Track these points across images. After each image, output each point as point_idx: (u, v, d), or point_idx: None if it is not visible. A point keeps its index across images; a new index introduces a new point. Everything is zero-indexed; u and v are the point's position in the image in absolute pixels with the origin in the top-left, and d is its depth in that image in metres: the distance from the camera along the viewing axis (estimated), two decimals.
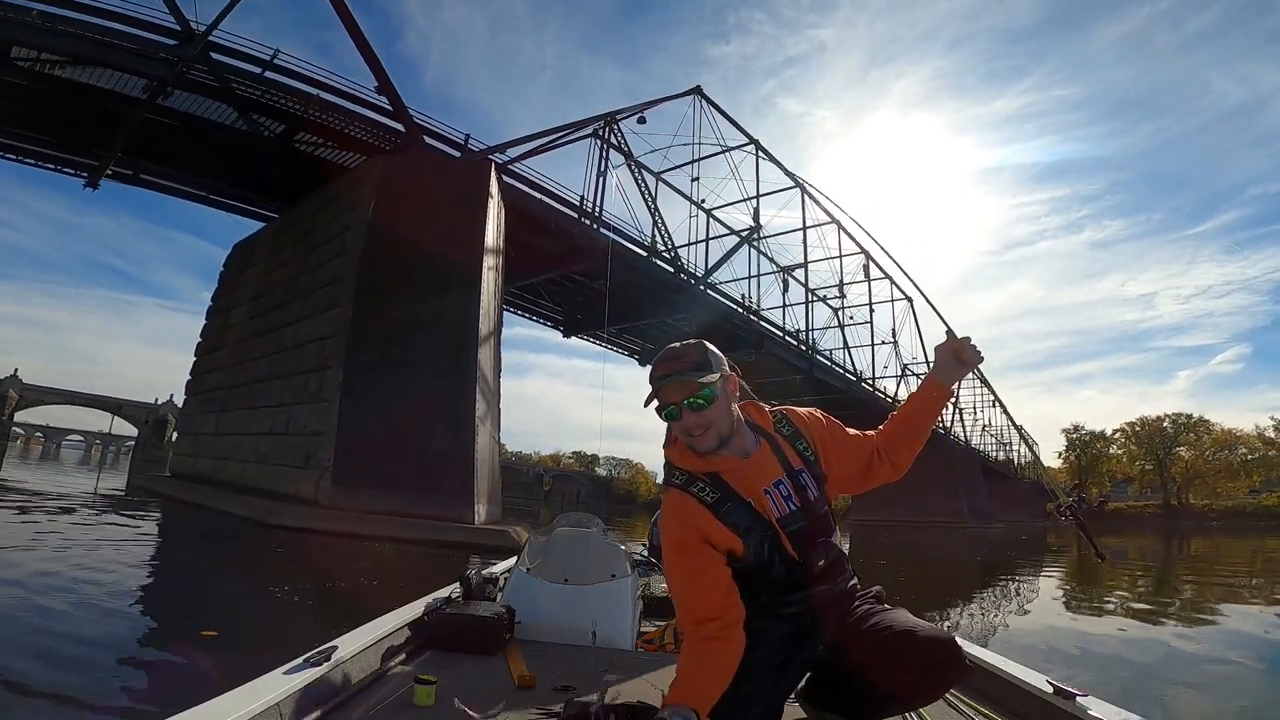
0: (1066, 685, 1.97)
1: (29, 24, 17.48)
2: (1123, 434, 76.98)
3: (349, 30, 21.29)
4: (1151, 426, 73.61)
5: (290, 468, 18.67)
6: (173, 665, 5.09)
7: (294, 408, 19.69)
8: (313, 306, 20.89)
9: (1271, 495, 60.77)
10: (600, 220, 29.21)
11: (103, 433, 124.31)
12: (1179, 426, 71.59)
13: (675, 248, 33.64)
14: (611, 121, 30.80)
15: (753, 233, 39.59)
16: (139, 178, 25.14)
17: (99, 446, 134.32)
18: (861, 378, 50.27)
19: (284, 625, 6.97)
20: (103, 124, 21.47)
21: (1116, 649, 7.69)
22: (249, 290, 26.01)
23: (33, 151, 23.41)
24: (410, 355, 18.87)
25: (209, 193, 26.42)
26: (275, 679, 1.75)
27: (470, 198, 21.60)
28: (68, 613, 6.41)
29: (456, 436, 18.61)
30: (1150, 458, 73.13)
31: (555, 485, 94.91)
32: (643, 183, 32.52)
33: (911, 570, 17.66)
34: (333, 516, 16.09)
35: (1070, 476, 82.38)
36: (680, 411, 1.57)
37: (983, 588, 14.85)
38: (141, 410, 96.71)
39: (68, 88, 20.12)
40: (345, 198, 21.76)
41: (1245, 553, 27.28)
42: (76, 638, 5.61)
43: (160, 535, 14.72)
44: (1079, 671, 6.43)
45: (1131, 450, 76.31)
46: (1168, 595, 13.58)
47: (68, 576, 7.96)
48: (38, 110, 21.17)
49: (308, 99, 20.81)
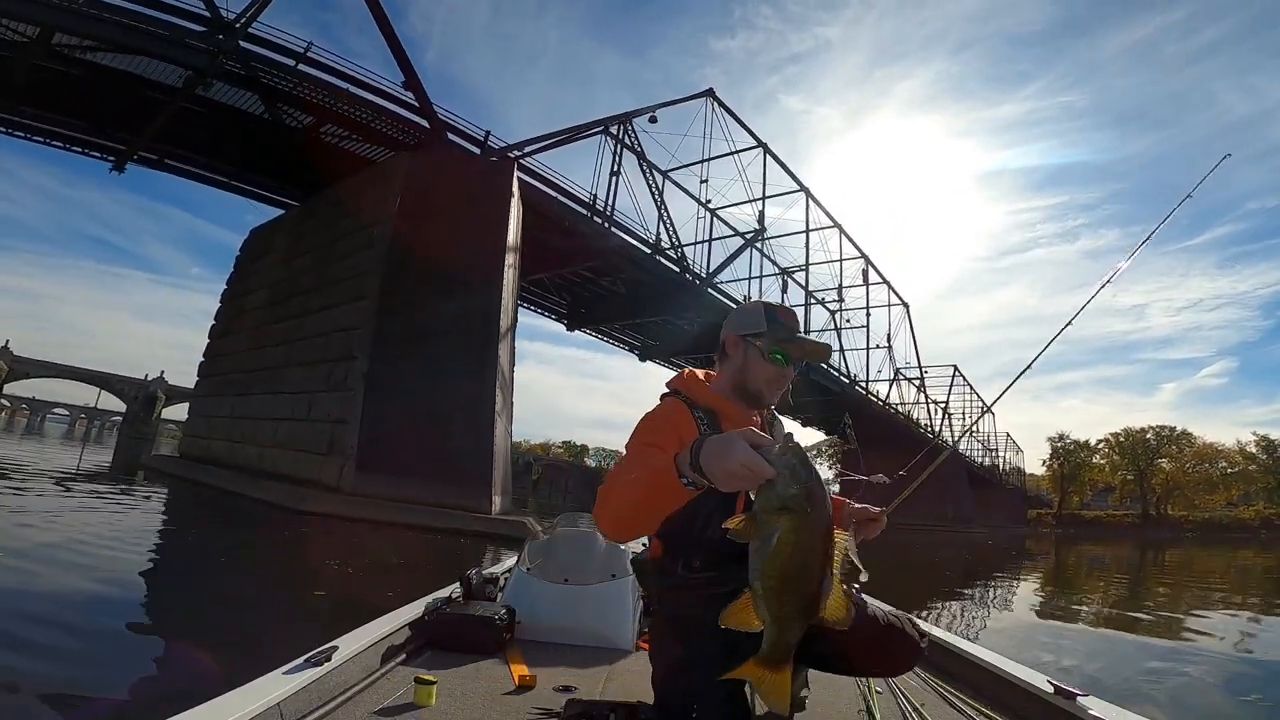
0: (1067, 685, 2.00)
1: (73, 10, 17.75)
2: (1106, 444, 78.40)
3: (381, 27, 21.69)
4: (1135, 437, 74.99)
5: (313, 454, 19.15)
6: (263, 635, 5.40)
7: (316, 395, 20.14)
8: (338, 296, 21.32)
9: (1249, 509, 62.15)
10: (613, 220, 29.80)
11: (89, 407, 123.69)
12: (1162, 439, 73.03)
13: (681, 246, 34.26)
14: (626, 122, 31.38)
15: (757, 235, 40.19)
16: (164, 163, 25.43)
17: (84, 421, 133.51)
18: (855, 381, 51.11)
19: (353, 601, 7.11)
20: (136, 110, 21.74)
21: (1089, 644, 8.21)
22: (268, 276, 26.37)
23: (65, 135, 23.63)
24: (434, 349, 19.39)
25: (230, 179, 26.72)
26: (275, 679, 1.77)
27: (494, 196, 22.14)
28: (125, 601, 6.50)
29: (477, 429, 19.24)
30: (1132, 468, 74.52)
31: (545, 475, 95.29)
32: (653, 182, 33.09)
33: (899, 573, 18.03)
34: (357, 503, 16.65)
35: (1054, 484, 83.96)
36: (790, 362, 1.64)
37: (965, 589, 15.40)
38: (131, 385, 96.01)
39: (104, 74, 20.38)
40: (371, 191, 22.16)
41: (1218, 564, 28.14)
42: (135, 622, 5.77)
43: (192, 519, 15.13)
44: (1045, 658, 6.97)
45: (1114, 460, 77.69)
46: (1140, 601, 14.20)
47: (118, 564, 8.05)
48: (73, 95, 21.40)
49: (338, 93, 21.18)
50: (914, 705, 2.17)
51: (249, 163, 25.77)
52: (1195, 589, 17.20)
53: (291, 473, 19.46)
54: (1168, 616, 11.23)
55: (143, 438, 79.15)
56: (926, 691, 2.36)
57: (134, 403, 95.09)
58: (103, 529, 10.61)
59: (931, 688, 2.40)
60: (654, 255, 32.13)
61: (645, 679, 2.19)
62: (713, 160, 37.58)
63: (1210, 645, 8.78)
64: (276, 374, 22.79)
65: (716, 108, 36.99)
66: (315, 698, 1.83)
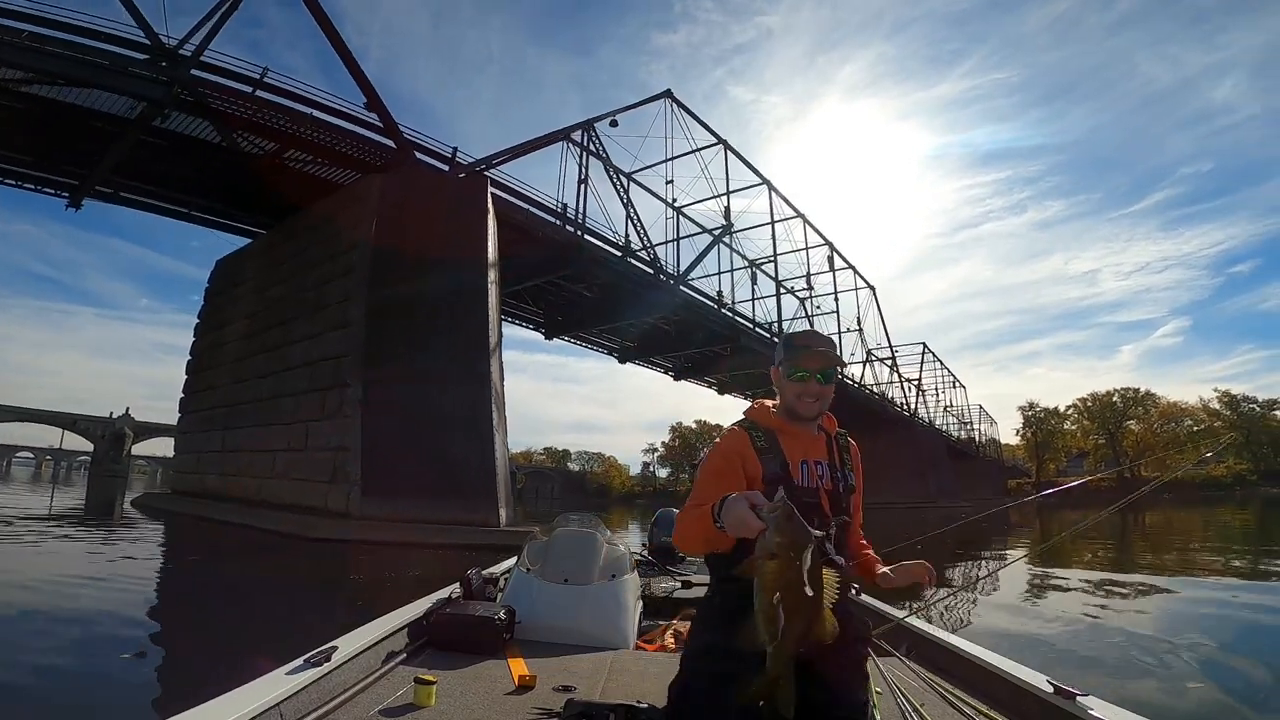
0: (1067, 685, 1.99)
1: (17, 45, 17.25)
2: (1076, 409, 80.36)
3: (337, 49, 21.51)
4: (1102, 401, 77.03)
5: (315, 482, 19.07)
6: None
7: (312, 424, 20.00)
8: (321, 324, 21.12)
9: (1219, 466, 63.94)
10: (584, 227, 29.87)
11: (53, 448, 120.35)
12: (1128, 400, 75.08)
13: (653, 246, 34.43)
14: (590, 129, 31.48)
15: (725, 231, 40.51)
16: (119, 196, 24.77)
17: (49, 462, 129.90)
18: None
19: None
20: (89, 144, 21.16)
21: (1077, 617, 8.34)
22: (243, 307, 25.89)
23: (12, 172, 22.92)
24: (427, 368, 19.39)
25: (192, 210, 26.18)
26: (275, 679, 1.77)
27: (470, 213, 22.14)
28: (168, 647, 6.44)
29: (478, 444, 19.36)
30: (1102, 432, 76.43)
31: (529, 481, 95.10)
32: (620, 185, 33.22)
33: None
34: (368, 527, 16.69)
35: (1029, 453, 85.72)
36: (810, 377, 1.80)
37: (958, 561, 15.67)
38: (97, 424, 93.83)
39: (51, 107, 19.76)
40: (344, 215, 21.90)
41: (1196, 524, 28.81)
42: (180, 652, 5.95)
43: (205, 552, 15.01)
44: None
45: (1084, 425, 79.62)
46: (1126, 566, 14.49)
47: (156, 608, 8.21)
48: (19, 130, 20.75)
49: (300, 118, 20.87)
50: (914, 705, 2.16)
51: (209, 192, 25.23)
52: (1181, 551, 17.63)
53: (294, 502, 19.38)
54: (1150, 583, 11.46)
55: (115, 475, 77.46)
56: (927, 691, 2.34)
57: (101, 441, 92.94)
58: (131, 567, 10.91)
59: (932, 688, 2.37)
60: (625, 258, 32.27)
61: (645, 679, 2.28)
62: (675, 160, 38.02)
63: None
64: (265, 405, 22.50)
65: (675, 108, 37.29)
66: (315, 698, 1.84)
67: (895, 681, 2.36)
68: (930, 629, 2.90)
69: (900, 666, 2.61)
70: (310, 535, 16.47)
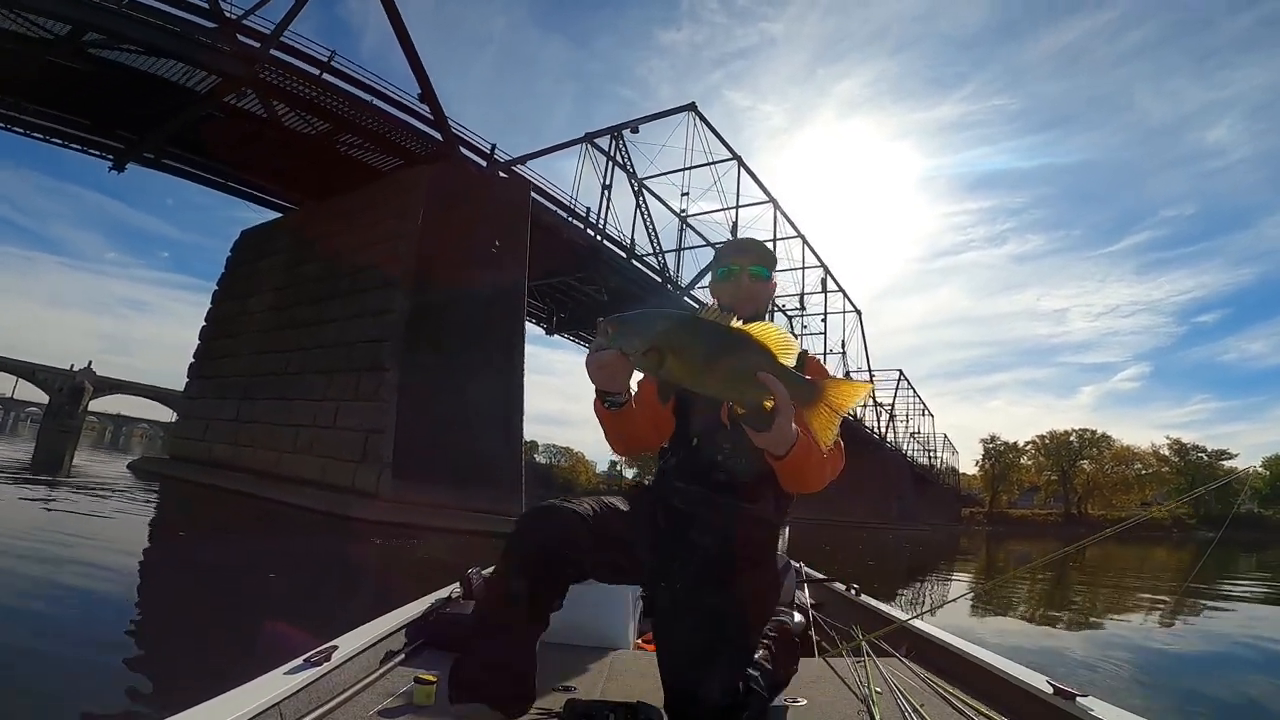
0: (1066, 685, 1.99)
1: (110, 10, 17.56)
2: (1034, 445, 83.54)
3: (400, 41, 22.12)
4: (1059, 439, 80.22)
5: (344, 460, 19.62)
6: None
7: (344, 403, 20.59)
8: (359, 307, 21.74)
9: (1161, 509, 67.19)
10: (604, 233, 31.01)
11: (4, 397, 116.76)
12: (1084, 441, 78.35)
13: (664, 253, 35.69)
14: (618, 136, 32.56)
15: None
16: (161, 162, 25.10)
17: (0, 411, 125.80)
18: None
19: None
20: (148, 110, 21.55)
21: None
22: (270, 280, 26.30)
23: (66, 134, 23.14)
24: (461, 359, 20.17)
25: (229, 181, 26.54)
26: (275, 679, 1.76)
27: (514, 215, 23.11)
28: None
29: (506, 435, 20.38)
30: (1056, 469, 79.62)
31: None
32: (642, 195, 34.42)
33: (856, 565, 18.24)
34: (397, 509, 17.32)
35: (986, 483, 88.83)
36: (741, 271, 1.79)
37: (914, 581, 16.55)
38: (56, 376, 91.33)
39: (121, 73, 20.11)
40: (392, 203, 22.57)
41: (1133, 560, 30.34)
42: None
43: (235, 525, 15.21)
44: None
45: (1040, 461, 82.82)
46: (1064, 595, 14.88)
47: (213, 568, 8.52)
48: (83, 93, 21.03)
49: (361, 105, 21.53)
50: (914, 705, 2.15)
51: (251, 166, 25.66)
52: (1117, 586, 18.18)
53: (318, 478, 19.87)
54: (1087, 613, 11.81)
55: (68, 431, 75.30)
56: (927, 691, 2.35)
57: (58, 394, 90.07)
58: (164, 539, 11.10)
59: (931, 688, 2.38)
60: (632, 261, 33.45)
61: (645, 679, 2.29)
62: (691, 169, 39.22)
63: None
64: (290, 380, 22.96)
65: (697, 122, 38.50)
66: (315, 698, 1.83)
67: (895, 682, 2.36)
68: (930, 630, 2.93)
69: (900, 667, 2.61)
70: (343, 513, 16.95)
